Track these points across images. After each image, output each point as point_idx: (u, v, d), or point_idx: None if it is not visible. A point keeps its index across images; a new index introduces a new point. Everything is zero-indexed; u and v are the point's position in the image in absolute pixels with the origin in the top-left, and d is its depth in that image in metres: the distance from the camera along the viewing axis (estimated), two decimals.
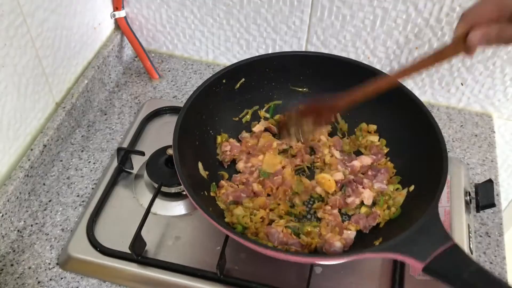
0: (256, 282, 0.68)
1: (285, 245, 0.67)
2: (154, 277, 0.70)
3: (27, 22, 0.74)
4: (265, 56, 0.83)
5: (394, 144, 0.80)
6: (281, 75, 0.83)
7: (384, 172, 0.76)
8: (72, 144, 0.89)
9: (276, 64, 0.82)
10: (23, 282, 0.70)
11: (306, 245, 0.68)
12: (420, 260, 0.56)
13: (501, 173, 1.09)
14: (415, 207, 0.68)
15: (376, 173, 0.77)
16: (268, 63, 0.82)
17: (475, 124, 0.97)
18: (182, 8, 0.98)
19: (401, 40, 0.91)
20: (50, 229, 0.76)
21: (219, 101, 0.80)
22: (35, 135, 0.82)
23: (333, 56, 0.83)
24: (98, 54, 0.97)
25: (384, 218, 0.72)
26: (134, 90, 1.00)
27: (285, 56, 0.83)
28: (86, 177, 0.83)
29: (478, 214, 0.81)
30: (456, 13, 0.84)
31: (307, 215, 0.75)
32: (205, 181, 0.75)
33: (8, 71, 0.72)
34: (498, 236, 0.79)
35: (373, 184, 0.75)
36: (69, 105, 0.87)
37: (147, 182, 0.80)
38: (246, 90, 0.83)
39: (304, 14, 0.92)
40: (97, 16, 0.95)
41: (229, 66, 0.81)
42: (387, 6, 0.86)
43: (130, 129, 0.89)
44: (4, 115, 0.73)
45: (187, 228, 0.76)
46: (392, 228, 0.69)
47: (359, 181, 0.76)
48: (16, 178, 0.75)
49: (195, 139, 0.76)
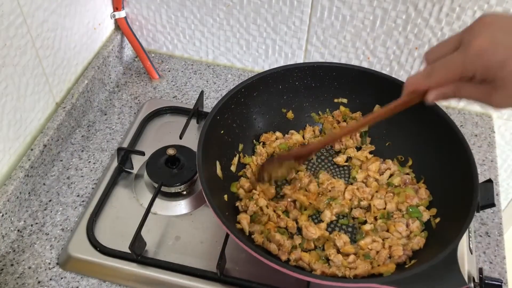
0: (256, 282, 0.69)
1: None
2: (154, 277, 0.70)
3: (27, 22, 0.74)
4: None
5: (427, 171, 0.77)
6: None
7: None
8: (72, 144, 0.89)
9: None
10: (23, 282, 0.70)
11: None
12: None
13: (501, 173, 1.10)
14: (435, 242, 0.66)
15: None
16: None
17: (475, 124, 0.97)
18: (182, 8, 0.98)
19: (401, 40, 0.91)
20: (50, 229, 0.76)
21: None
22: (35, 135, 0.82)
23: (367, 70, 0.80)
24: (98, 54, 0.97)
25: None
26: (134, 90, 1.00)
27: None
28: (86, 177, 0.83)
29: (478, 214, 0.82)
30: (456, 13, 0.84)
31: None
32: (220, 181, 0.73)
33: (8, 71, 0.72)
34: (498, 236, 0.79)
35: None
36: (69, 105, 0.87)
37: (147, 182, 0.80)
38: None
39: (304, 14, 0.92)
40: (97, 16, 0.95)
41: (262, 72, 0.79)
42: (387, 7, 0.87)
43: (130, 129, 0.89)
44: (4, 115, 0.73)
45: (187, 228, 0.76)
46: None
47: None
48: (16, 178, 0.75)
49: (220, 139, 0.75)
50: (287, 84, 0.80)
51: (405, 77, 0.95)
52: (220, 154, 0.74)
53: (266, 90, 0.79)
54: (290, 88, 0.81)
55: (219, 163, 0.74)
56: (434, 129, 0.74)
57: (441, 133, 0.72)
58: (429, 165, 0.76)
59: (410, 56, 0.93)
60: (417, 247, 0.68)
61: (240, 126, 0.78)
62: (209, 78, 1.03)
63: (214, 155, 0.72)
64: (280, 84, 0.80)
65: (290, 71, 0.79)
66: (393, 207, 0.73)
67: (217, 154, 0.74)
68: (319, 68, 0.80)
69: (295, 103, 0.83)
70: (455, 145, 0.70)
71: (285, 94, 0.81)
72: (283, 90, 0.81)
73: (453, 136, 0.70)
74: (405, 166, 0.79)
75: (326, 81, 0.81)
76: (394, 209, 0.73)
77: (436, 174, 0.74)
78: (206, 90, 1.00)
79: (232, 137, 0.77)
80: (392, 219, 0.72)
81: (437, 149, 0.74)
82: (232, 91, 0.75)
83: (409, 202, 0.73)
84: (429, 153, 0.76)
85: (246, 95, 0.77)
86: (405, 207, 0.73)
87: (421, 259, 0.65)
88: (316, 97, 0.83)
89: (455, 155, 0.70)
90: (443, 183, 0.72)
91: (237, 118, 0.77)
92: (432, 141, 0.75)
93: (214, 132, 0.72)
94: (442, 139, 0.73)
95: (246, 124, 0.80)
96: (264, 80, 0.77)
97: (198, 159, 0.66)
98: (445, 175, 0.72)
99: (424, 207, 0.73)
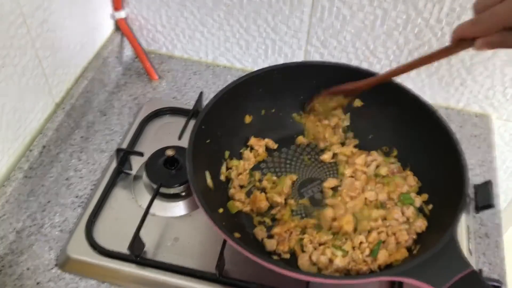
0: (255, 283, 0.69)
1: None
2: (153, 278, 0.70)
3: (27, 22, 0.74)
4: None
5: (414, 159, 0.78)
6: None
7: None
8: (72, 145, 0.88)
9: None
10: (22, 284, 0.70)
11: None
12: (436, 286, 0.55)
13: (500, 174, 1.09)
14: (433, 231, 0.67)
15: None
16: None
17: (474, 125, 0.97)
18: (182, 8, 0.98)
19: (401, 40, 0.91)
20: (49, 230, 0.76)
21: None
22: (35, 135, 0.82)
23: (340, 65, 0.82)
24: (98, 55, 0.97)
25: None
26: (134, 91, 1.00)
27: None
28: (85, 178, 0.83)
29: (477, 215, 0.81)
30: (456, 13, 0.84)
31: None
32: (211, 191, 0.73)
33: (8, 71, 0.72)
34: (497, 237, 0.79)
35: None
36: (68, 106, 0.87)
37: (146, 183, 0.80)
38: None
39: (304, 14, 0.92)
40: (97, 16, 0.95)
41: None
42: (387, 7, 0.86)
43: (130, 130, 0.89)
44: (4, 115, 0.73)
45: (186, 229, 0.76)
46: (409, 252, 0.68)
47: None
48: (15, 179, 0.75)
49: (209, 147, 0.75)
50: (268, 86, 0.80)
51: (405, 77, 0.95)
52: (208, 163, 0.74)
53: (247, 94, 0.79)
54: (270, 90, 0.81)
55: (209, 173, 0.74)
56: (415, 117, 0.76)
57: (421, 120, 0.74)
58: (413, 152, 0.77)
59: (410, 56, 0.93)
60: (420, 230, 0.69)
61: (225, 133, 0.78)
62: (208, 79, 1.03)
63: (203, 165, 0.72)
64: (260, 87, 0.79)
65: (269, 73, 0.79)
66: (385, 197, 0.74)
67: (206, 163, 0.74)
68: (297, 68, 0.81)
69: (277, 105, 0.83)
70: (437, 129, 0.71)
71: (266, 97, 0.81)
72: (263, 93, 0.80)
73: (434, 121, 0.72)
74: (389, 156, 0.80)
75: (304, 80, 0.81)
76: (386, 199, 0.74)
77: (422, 161, 0.76)
78: (206, 91, 0.99)
79: (218, 145, 0.77)
80: (386, 208, 0.73)
81: (420, 135, 0.76)
82: (214, 98, 0.74)
83: (400, 190, 0.74)
84: (412, 140, 0.77)
85: (229, 100, 0.76)
86: (396, 196, 0.74)
87: (424, 244, 0.66)
88: (296, 96, 0.83)
89: (438, 139, 0.71)
90: (431, 168, 0.74)
91: (221, 125, 0.77)
92: (414, 130, 0.76)
93: (201, 142, 0.72)
94: (423, 125, 0.74)
95: (231, 130, 0.79)
96: (244, 84, 0.77)
97: (189, 172, 0.65)
98: (431, 161, 0.74)
99: (415, 194, 0.74)
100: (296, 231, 0.71)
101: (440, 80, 0.95)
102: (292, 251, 0.70)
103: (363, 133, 0.83)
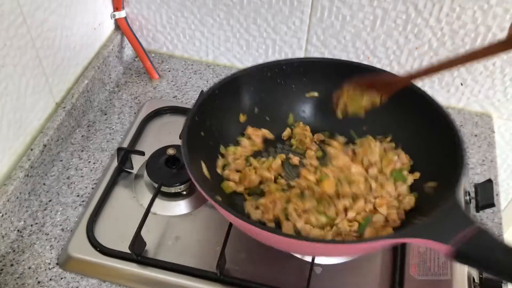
0: (256, 282, 0.68)
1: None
2: (154, 277, 0.70)
3: (27, 22, 0.74)
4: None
5: (406, 140, 0.77)
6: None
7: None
8: (72, 144, 0.89)
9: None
10: (23, 282, 0.70)
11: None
12: (445, 242, 0.54)
13: (501, 173, 1.10)
14: (437, 199, 0.66)
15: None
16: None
17: (474, 124, 0.97)
18: (182, 8, 0.98)
19: (401, 40, 0.91)
20: (50, 229, 0.76)
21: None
22: (35, 135, 0.82)
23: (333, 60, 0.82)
24: (98, 54, 0.97)
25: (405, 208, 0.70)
26: (134, 90, 1.00)
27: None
28: (86, 177, 0.83)
29: (477, 214, 0.81)
30: (456, 13, 0.84)
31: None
32: (208, 180, 0.73)
33: (8, 71, 0.72)
34: (498, 236, 0.79)
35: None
36: (69, 105, 0.87)
37: (147, 182, 0.80)
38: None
39: (304, 14, 0.92)
40: (97, 16, 0.95)
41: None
42: (387, 7, 0.86)
43: (130, 129, 0.89)
44: (4, 115, 0.73)
45: (187, 228, 0.76)
46: (414, 218, 0.68)
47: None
48: (16, 178, 0.75)
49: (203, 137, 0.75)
50: (260, 83, 0.80)
51: None
52: (204, 156, 0.74)
53: (240, 91, 0.79)
54: (262, 87, 0.80)
55: (205, 165, 0.73)
56: (409, 104, 0.74)
57: (414, 103, 0.73)
58: (406, 133, 0.76)
59: (410, 56, 0.93)
60: (408, 207, 0.69)
61: (218, 128, 0.78)
62: (209, 78, 1.03)
63: (198, 155, 0.72)
64: (252, 85, 0.79)
65: (261, 70, 0.79)
66: (375, 172, 0.73)
67: (202, 156, 0.73)
68: (286, 65, 0.80)
69: (271, 102, 0.82)
70: (430, 110, 0.71)
71: (259, 94, 0.81)
72: (256, 90, 0.80)
73: (426, 102, 0.71)
74: (383, 142, 0.79)
75: (295, 77, 0.81)
76: (377, 173, 0.74)
77: (413, 141, 0.75)
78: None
79: (213, 139, 0.77)
80: (378, 181, 0.72)
81: (414, 118, 0.75)
82: (208, 91, 0.74)
83: (392, 166, 0.74)
84: (405, 123, 0.76)
85: (221, 96, 0.76)
86: (389, 171, 0.73)
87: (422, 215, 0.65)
88: (288, 94, 0.82)
89: (432, 119, 0.71)
90: (424, 146, 0.73)
91: (214, 120, 0.76)
92: (407, 114, 0.75)
93: (195, 133, 0.71)
94: (415, 107, 0.73)
95: (224, 125, 0.79)
96: (237, 80, 0.77)
97: (185, 156, 0.65)
98: (425, 139, 0.73)
99: (407, 171, 0.73)
100: (281, 201, 0.70)
101: (440, 79, 0.95)
102: (277, 220, 0.69)
103: (358, 126, 0.81)
